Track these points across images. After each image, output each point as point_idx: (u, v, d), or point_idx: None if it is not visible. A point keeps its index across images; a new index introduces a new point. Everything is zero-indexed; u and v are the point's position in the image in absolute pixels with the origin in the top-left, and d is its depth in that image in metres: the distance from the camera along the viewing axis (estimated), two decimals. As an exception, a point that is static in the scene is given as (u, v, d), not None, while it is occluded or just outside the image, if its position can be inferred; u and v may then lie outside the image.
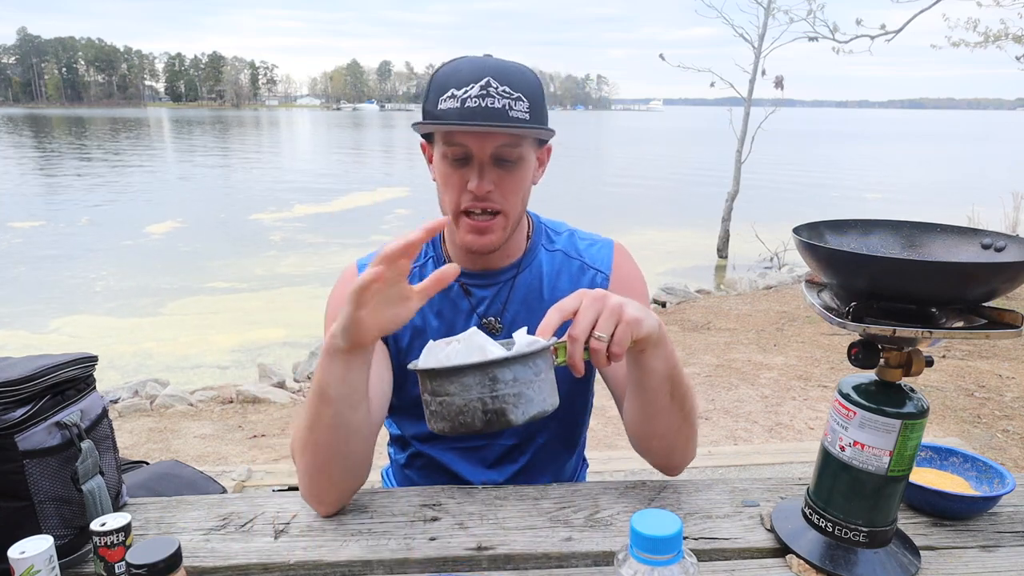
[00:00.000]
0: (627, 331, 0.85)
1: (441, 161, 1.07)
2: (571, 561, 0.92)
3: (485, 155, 1.03)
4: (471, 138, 1.02)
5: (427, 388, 0.79)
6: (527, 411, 0.76)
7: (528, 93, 1.03)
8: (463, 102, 1.00)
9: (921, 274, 0.76)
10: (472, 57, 1.07)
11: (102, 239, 10.47)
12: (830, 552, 0.88)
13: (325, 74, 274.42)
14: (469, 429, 0.76)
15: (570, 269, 1.19)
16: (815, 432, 3.54)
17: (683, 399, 0.99)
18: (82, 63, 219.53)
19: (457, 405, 0.75)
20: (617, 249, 1.23)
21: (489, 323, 1.16)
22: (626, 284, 1.19)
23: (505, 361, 0.75)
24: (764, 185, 16.74)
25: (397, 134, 50.53)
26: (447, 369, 0.75)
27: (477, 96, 1.00)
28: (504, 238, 1.09)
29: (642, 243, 9.86)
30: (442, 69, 1.06)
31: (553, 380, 0.81)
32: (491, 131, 1.01)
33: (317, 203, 14.35)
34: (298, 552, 0.93)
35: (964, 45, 8.36)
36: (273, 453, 3.46)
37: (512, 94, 1.01)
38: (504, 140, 1.02)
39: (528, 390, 0.76)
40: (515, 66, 1.06)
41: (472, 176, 1.03)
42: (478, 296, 1.16)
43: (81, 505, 0.90)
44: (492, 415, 0.75)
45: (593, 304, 0.85)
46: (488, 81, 1.01)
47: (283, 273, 8.56)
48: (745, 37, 9.18)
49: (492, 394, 0.74)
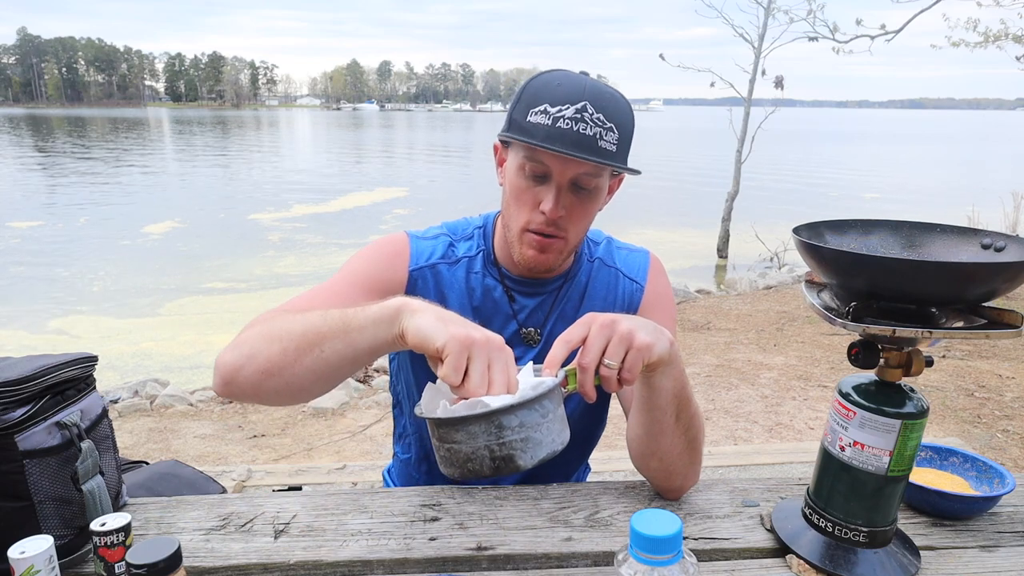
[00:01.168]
0: (638, 357, 0.83)
1: (517, 172, 1.05)
2: (571, 561, 0.92)
3: (565, 179, 1.02)
4: (555, 160, 1.00)
5: (435, 434, 0.77)
6: (535, 455, 0.75)
7: (619, 124, 1.01)
8: (555, 121, 0.98)
9: (921, 274, 0.76)
10: (570, 73, 1.04)
11: (100, 239, 10.46)
12: (830, 552, 0.88)
13: (325, 74, 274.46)
14: (478, 475, 0.75)
15: (606, 279, 1.19)
16: (815, 432, 3.54)
17: (689, 421, 0.97)
18: (82, 63, 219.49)
19: (465, 453, 0.74)
20: (653, 261, 1.24)
21: (528, 334, 1.15)
22: (658, 298, 1.20)
23: (510, 408, 0.73)
24: (764, 185, 16.75)
25: (397, 134, 50.55)
26: (453, 419, 0.73)
27: (571, 119, 0.98)
28: (561, 260, 1.10)
29: (642, 243, 9.68)
30: (538, 79, 1.04)
31: (562, 416, 0.79)
32: (578, 159, 0.98)
33: (316, 203, 14.34)
34: (298, 552, 0.93)
35: (964, 45, 8.36)
36: (273, 453, 3.46)
37: (605, 123, 0.99)
38: (587, 169, 1.01)
39: (536, 434, 0.74)
40: (611, 93, 1.03)
41: (547, 197, 1.02)
42: (521, 303, 1.15)
43: (81, 505, 0.90)
44: (500, 462, 0.73)
45: (602, 331, 0.83)
46: (585, 106, 0.98)
47: (281, 273, 8.55)
48: (745, 37, 9.18)
49: (499, 441, 0.73)
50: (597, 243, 1.23)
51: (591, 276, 1.19)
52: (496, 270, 1.15)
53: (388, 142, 41.52)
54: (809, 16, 8.63)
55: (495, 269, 1.15)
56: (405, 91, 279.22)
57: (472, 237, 1.18)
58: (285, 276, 8.39)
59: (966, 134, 62.57)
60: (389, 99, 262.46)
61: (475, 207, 1.43)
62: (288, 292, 7.65)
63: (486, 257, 1.16)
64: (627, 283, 1.19)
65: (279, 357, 0.86)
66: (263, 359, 0.87)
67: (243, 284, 8.03)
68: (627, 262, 1.22)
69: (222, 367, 0.89)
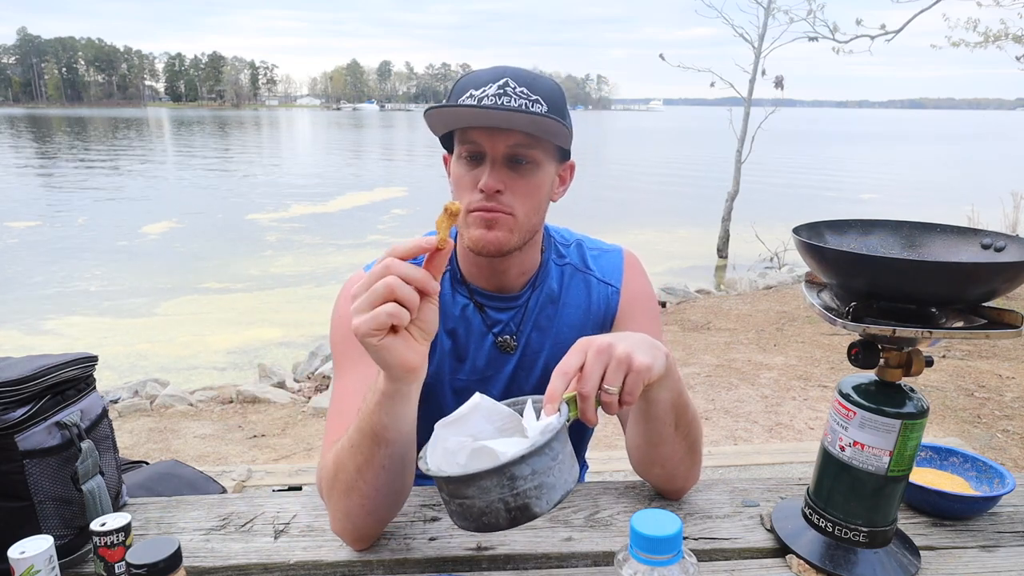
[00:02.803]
0: (638, 380, 0.81)
1: (456, 163, 1.05)
2: (571, 561, 0.92)
3: (498, 153, 1.00)
4: (484, 135, 0.99)
5: (444, 490, 0.75)
6: (551, 499, 0.73)
7: (547, 97, 1.00)
8: (480, 100, 0.98)
9: (921, 274, 0.76)
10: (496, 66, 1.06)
11: (98, 239, 10.45)
12: (830, 552, 0.88)
13: (325, 74, 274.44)
14: (495, 528, 0.73)
15: (580, 284, 1.16)
16: (815, 432, 3.54)
17: (688, 428, 0.96)
18: (82, 63, 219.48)
19: (479, 507, 0.72)
20: (627, 259, 1.20)
21: (504, 342, 1.13)
22: (636, 300, 1.17)
23: (521, 459, 0.70)
24: (764, 185, 16.74)
25: (397, 134, 50.53)
26: (463, 477, 0.71)
27: (494, 95, 0.98)
28: (512, 241, 1.03)
29: (642, 243, 9.85)
30: (463, 76, 1.05)
31: (571, 453, 0.77)
32: (509, 122, 0.97)
33: (314, 203, 14.35)
34: (298, 552, 0.93)
35: (964, 45, 8.36)
36: (273, 453, 3.46)
37: (530, 96, 0.99)
38: (518, 140, 0.99)
39: (548, 478, 0.72)
40: (536, 73, 1.03)
41: (483, 174, 1.00)
42: (493, 318, 1.13)
43: (81, 505, 0.90)
44: (516, 512, 0.71)
45: (599, 357, 0.80)
46: (506, 81, 0.99)
47: (278, 273, 8.56)
48: (745, 37, 9.18)
49: (513, 492, 0.71)
50: (567, 245, 1.19)
51: (564, 283, 1.16)
52: (465, 288, 1.13)
53: (388, 142, 41.52)
54: (809, 16, 8.63)
55: (463, 287, 1.13)
56: (405, 91, 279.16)
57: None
58: (282, 276, 8.40)
59: (966, 134, 62.57)
60: (389, 99, 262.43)
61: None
62: (284, 292, 7.67)
63: (452, 276, 1.14)
64: (602, 288, 1.16)
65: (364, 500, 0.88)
66: (362, 515, 0.89)
67: (240, 284, 8.03)
68: (600, 264, 1.18)
69: (352, 542, 0.94)
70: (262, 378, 4.79)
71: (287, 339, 6.11)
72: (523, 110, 0.97)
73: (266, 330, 6.41)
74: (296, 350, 5.67)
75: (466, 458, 0.74)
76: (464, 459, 0.74)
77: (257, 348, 5.88)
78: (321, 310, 6.69)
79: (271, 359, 5.37)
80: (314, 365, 4.96)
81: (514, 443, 0.74)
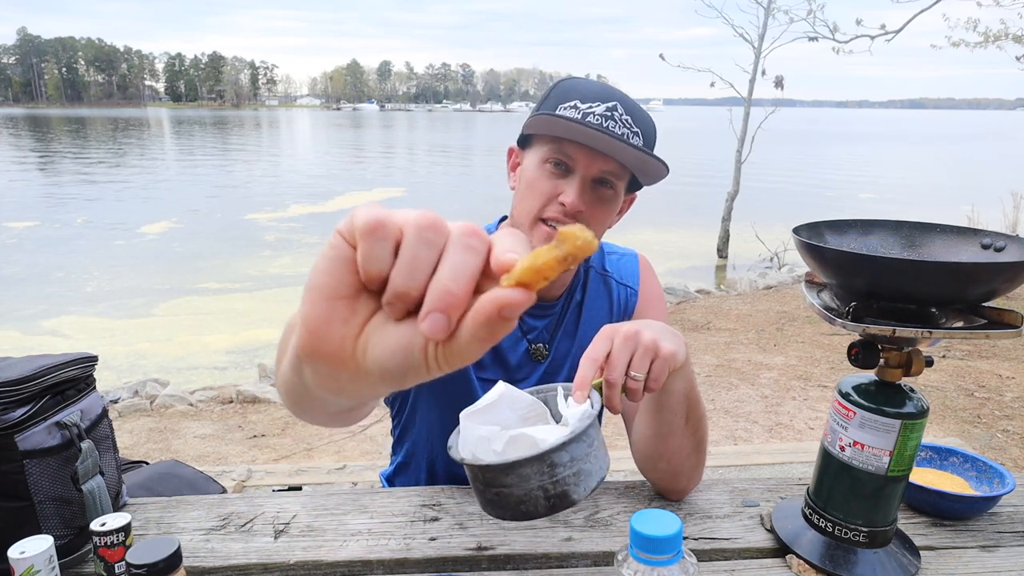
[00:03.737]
0: (664, 367, 0.82)
1: (537, 166, 1.02)
2: (571, 561, 0.92)
3: (590, 173, 0.99)
4: (583, 153, 0.98)
5: (479, 479, 0.74)
6: (588, 486, 0.73)
7: (645, 132, 1.02)
8: (585, 115, 0.97)
9: (921, 274, 0.76)
10: (598, 81, 1.05)
11: (96, 239, 10.44)
12: (830, 552, 0.88)
13: (325, 74, 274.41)
14: (532, 516, 0.73)
15: (601, 287, 1.19)
16: (815, 432, 3.54)
17: (697, 423, 0.97)
18: (82, 63, 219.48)
19: (516, 496, 0.71)
20: (643, 262, 1.24)
21: (537, 350, 1.14)
22: (651, 299, 1.20)
23: (562, 446, 0.70)
24: (764, 185, 16.74)
25: (396, 134, 50.53)
26: (502, 465, 0.70)
27: (600, 115, 0.97)
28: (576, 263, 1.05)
29: (642, 243, 9.80)
30: (568, 80, 1.05)
31: (603, 440, 0.78)
32: (612, 149, 0.96)
33: (313, 203, 14.33)
34: (298, 552, 0.93)
35: (964, 45, 8.36)
36: (273, 453, 3.46)
37: (632, 127, 0.99)
38: (612, 167, 0.99)
39: (586, 465, 0.73)
40: (637, 103, 1.03)
41: (569, 188, 0.99)
42: (529, 324, 1.14)
43: (81, 505, 0.90)
44: (555, 499, 0.72)
45: (626, 344, 0.82)
46: (615, 105, 0.98)
47: (276, 273, 8.55)
48: (745, 37, 9.18)
49: (552, 479, 0.71)
50: None
51: (588, 287, 1.18)
52: None
53: (387, 142, 41.52)
54: (809, 16, 8.63)
55: None
56: (405, 91, 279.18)
57: None
58: (280, 276, 8.39)
59: (966, 134, 62.57)
60: (389, 99, 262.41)
61: (473, 206, 1.42)
62: (283, 292, 7.67)
63: None
64: (621, 289, 1.20)
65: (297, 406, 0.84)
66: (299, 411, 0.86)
67: (237, 284, 8.02)
68: (619, 268, 1.21)
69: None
70: (262, 378, 4.79)
71: (285, 340, 6.10)
72: (625, 139, 0.97)
73: (265, 330, 6.40)
74: (295, 350, 5.66)
75: (503, 446, 0.73)
76: (501, 447, 0.73)
77: (257, 348, 5.87)
78: (320, 310, 6.68)
79: (271, 359, 5.37)
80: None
81: (547, 430, 0.74)
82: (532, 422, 0.80)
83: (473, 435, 0.76)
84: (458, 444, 0.77)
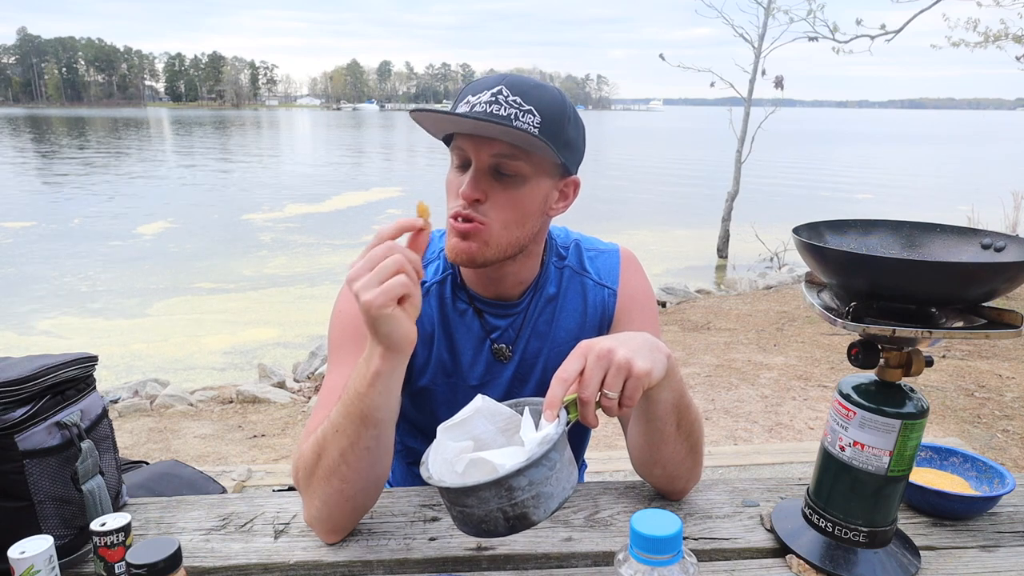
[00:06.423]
0: (637, 385, 0.81)
1: (450, 170, 1.04)
2: (571, 561, 0.92)
3: (483, 163, 0.98)
4: (469, 143, 0.98)
5: (445, 498, 0.77)
6: (548, 507, 0.74)
7: (542, 108, 0.96)
8: (473, 107, 0.97)
9: (921, 274, 0.76)
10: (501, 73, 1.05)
11: (93, 240, 10.43)
12: (830, 552, 0.88)
13: (325, 74, 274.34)
14: (494, 534, 0.75)
15: (577, 287, 1.15)
16: (815, 432, 3.54)
17: (690, 429, 0.96)
18: (82, 63, 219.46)
19: (478, 515, 0.74)
20: (623, 259, 1.18)
21: (499, 350, 1.13)
22: (633, 299, 1.15)
23: (518, 472, 0.71)
24: (764, 185, 16.74)
25: (396, 134, 50.51)
26: (462, 488, 0.73)
27: (486, 102, 0.96)
28: (487, 254, 1.00)
29: (642, 243, 9.86)
30: (471, 82, 1.04)
31: (569, 458, 0.78)
32: (492, 132, 0.95)
33: (309, 203, 14.32)
34: (298, 552, 0.93)
35: (964, 45, 8.35)
36: (273, 453, 3.46)
37: (522, 105, 0.96)
38: (502, 149, 0.97)
39: (546, 488, 0.74)
40: (537, 81, 1.00)
41: (465, 180, 0.99)
42: (492, 324, 1.13)
43: (81, 505, 0.90)
44: (514, 520, 0.73)
45: (599, 363, 0.80)
46: (500, 89, 0.96)
47: (271, 274, 8.55)
48: (745, 37, 9.18)
49: (511, 502, 0.72)
50: (565, 247, 1.18)
51: (562, 286, 1.15)
52: (464, 293, 1.13)
53: (387, 142, 41.50)
54: (809, 16, 8.62)
55: (463, 292, 1.13)
56: (405, 91, 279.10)
57: (437, 258, 1.14)
58: (275, 276, 8.39)
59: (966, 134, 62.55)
60: (389, 99, 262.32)
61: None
62: (279, 292, 7.67)
63: (453, 281, 1.13)
64: (598, 291, 1.15)
65: (344, 485, 0.90)
66: (340, 501, 0.91)
67: (233, 284, 8.03)
68: (597, 266, 1.17)
69: (325, 534, 0.95)
70: (262, 378, 4.79)
71: (283, 339, 6.11)
72: (508, 120, 0.94)
73: (261, 330, 6.40)
74: (294, 350, 5.67)
75: (464, 468, 0.75)
76: (462, 468, 0.75)
77: (253, 348, 5.87)
78: (316, 310, 6.69)
79: (270, 359, 5.37)
80: (314, 365, 4.96)
81: (512, 453, 0.75)
82: (510, 434, 0.81)
83: (441, 456, 0.77)
84: (429, 460, 0.78)
